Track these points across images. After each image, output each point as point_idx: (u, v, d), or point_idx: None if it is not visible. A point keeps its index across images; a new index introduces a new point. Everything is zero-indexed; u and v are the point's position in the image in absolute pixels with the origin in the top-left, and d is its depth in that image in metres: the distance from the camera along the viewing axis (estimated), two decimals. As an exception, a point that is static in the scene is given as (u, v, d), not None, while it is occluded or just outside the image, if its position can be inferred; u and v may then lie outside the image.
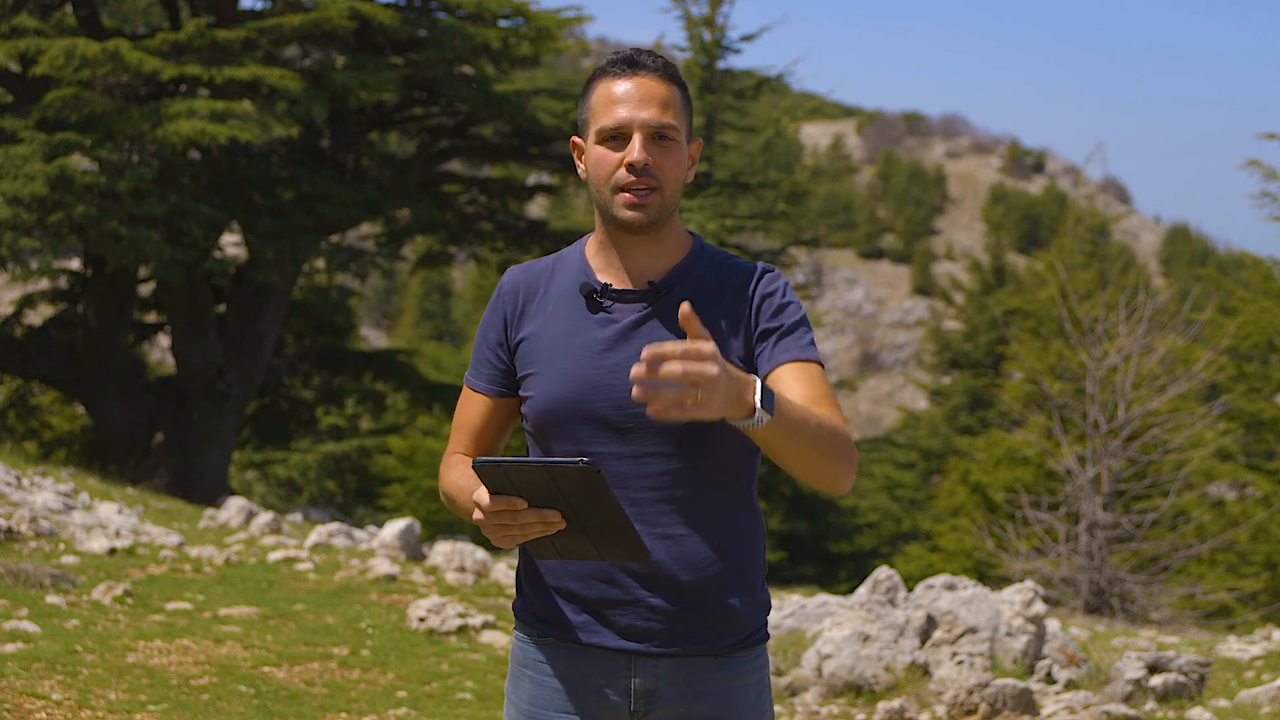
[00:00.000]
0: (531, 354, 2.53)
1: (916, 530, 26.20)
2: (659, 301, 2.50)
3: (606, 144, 2.48)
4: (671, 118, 2.48)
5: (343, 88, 17.40)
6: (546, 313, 2.54)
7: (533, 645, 2.56)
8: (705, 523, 2.47)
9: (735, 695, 2.52)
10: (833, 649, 6.68)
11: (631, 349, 2.47)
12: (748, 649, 2.54)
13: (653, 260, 2.53)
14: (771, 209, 23.15)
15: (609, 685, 2.49)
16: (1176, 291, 33.13)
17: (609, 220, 2.50)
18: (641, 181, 2.45)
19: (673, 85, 2.51)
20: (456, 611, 7.89)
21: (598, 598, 2.47)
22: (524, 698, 2.56)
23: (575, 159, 2.58)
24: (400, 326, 59.74)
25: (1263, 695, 6.80)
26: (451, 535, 16.95)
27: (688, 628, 2.47)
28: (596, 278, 2.54)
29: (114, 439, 18.67)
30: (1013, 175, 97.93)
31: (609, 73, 2.51)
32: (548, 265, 2.61)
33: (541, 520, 2.26)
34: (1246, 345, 19.22)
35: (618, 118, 2.47)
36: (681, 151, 2.50)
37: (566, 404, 2.47)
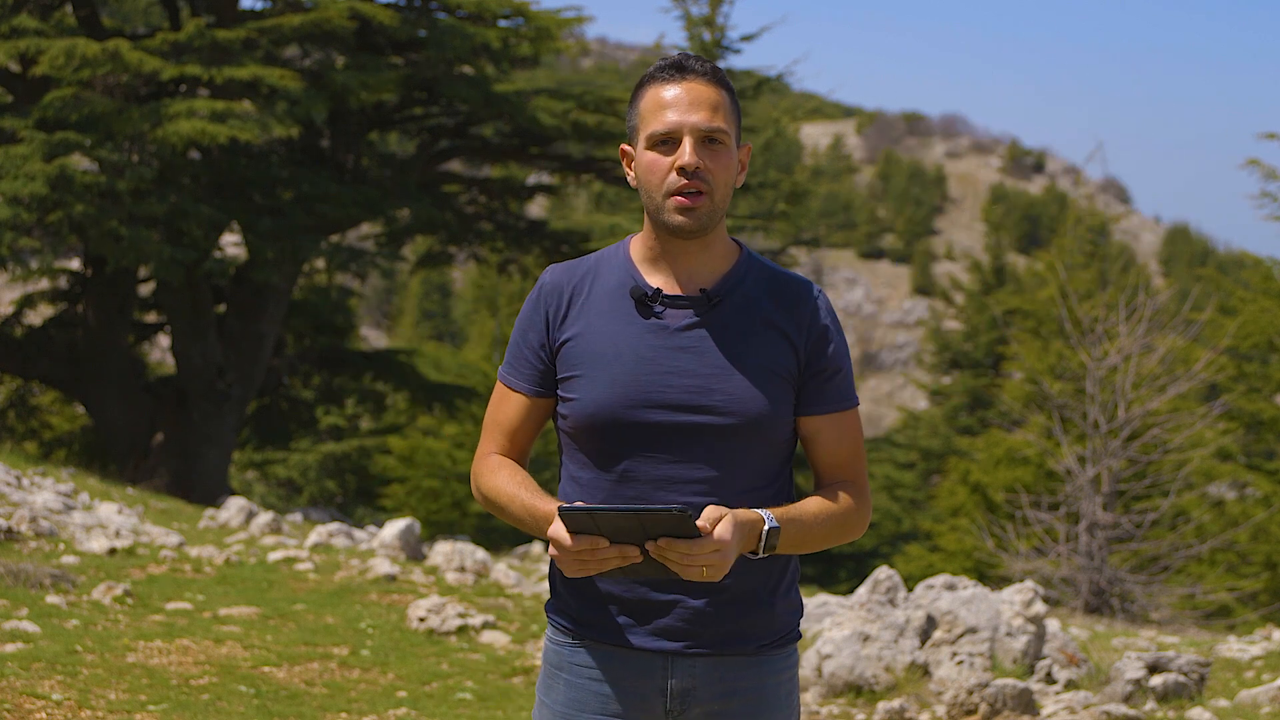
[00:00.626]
0: (577, 356, 2.52)
1: (916, 530, 26.20)
2: (709, 309, 2.50)
3: (657, 149, 2.48)
4: (721, 121, 2.48)
5: (343, 88, 17.39)
6: (592, 314, 2.53)
7: (568, 647, 2.56)
8: None
9: (768, 692, 2.55)
10: (833, 649, 6.68)
11: (683, 356, 2.48)
12: (781, 647, 2.57)
13: (702, 266, 2.53)
14: (771, 209, 23.15)
15: (645, 685, 2.51)
16: (1176, 291, 33.13)
17: (659, 226, 2.50)
18: (692, 184, 2.45)
19: (722, 89, 2.51)
20: (456, 611, 7.89)
21: (638, 600, 2.49)
22: (558, 700, 2.57)
23: (624, 166, 2.57)
24: (400, 326, 59.73)
25: (1263, 695, 6.80)
26: (451, 535, 16.96)
27: (726, 629, 2.50)
28: (646, 281, 2.53)
29: (114, 439, 18.66)
30: (1013, 175, 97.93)
31: (658, 78, 2.51)
32: (591, 265, 2.60)
33: (620, 555, 2.31)
34: (1246, 345, 19.22)
35: (668, 122, 2.47)
36: (732, 155, 2.50)
37: (616, 409, 2.47)
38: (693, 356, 2.48)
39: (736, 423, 2.46)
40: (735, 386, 2.46)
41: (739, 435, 2.46)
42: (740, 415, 2.46)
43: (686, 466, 2.46)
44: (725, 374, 2.46)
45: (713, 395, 2.45)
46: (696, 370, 2.47)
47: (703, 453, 2.47)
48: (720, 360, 2.48)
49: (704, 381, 2.46)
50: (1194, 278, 38.22)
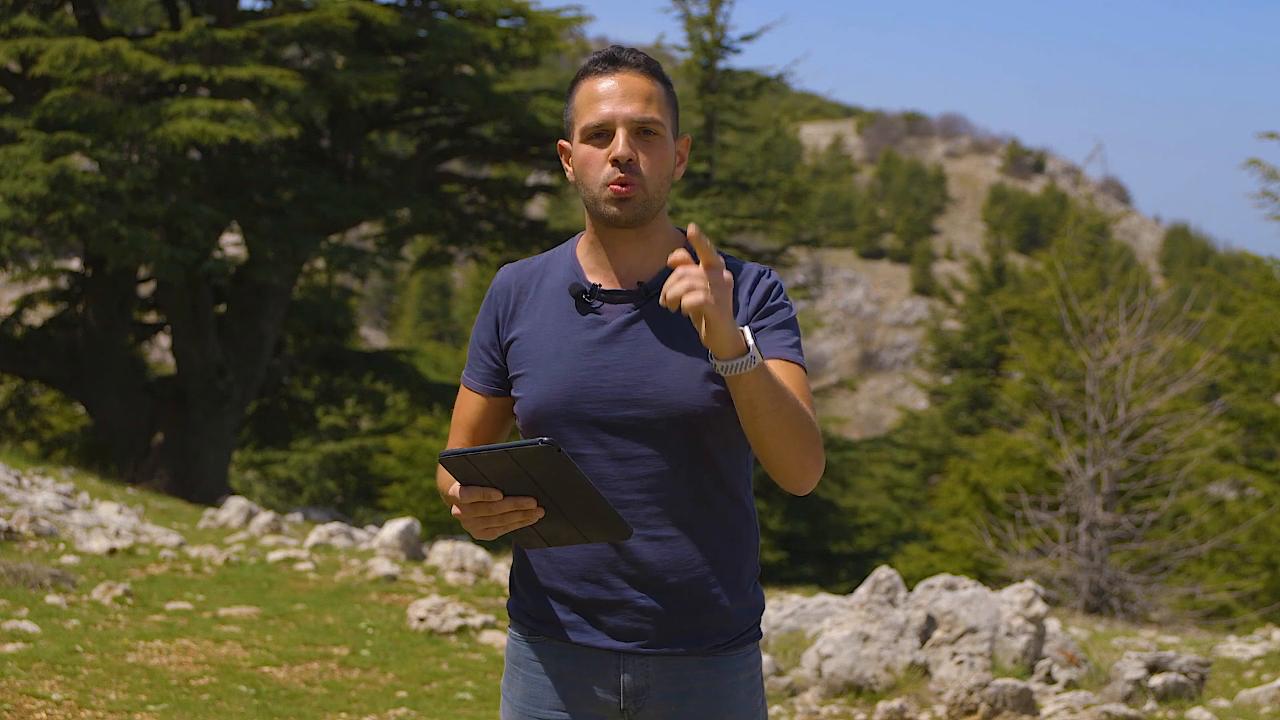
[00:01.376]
0: (522, 354, 2.54)
1: (916, 530, 26.19)
2: (647, 301, 2.50)
3: (591, 142, 2.48)
4: (655, 112, 2.47)
5: (343, 88, 17.40)
6: (537, 313, 2.55)
7: (525, 643, 2.58)
8: (694, 524, 2.48)
9: (725, 693, 2.53)
10: (833, 649, 6.68)
11: (620, 350, 2.47)
12: (738, 648, 2.55)
13: (642, 260, 2.52)
14: (771, 209, 23.14)
15: (599, 683, 2.51)
16: (1176, 291, 33.15)
17: (596, 218, 2.50)
18: (626, 176, 2.44)
19: (655, 80, 2.50)
20: (456, 611, 7.89)
21: (589, 598, 2.49)
22: (518, 695, 2.58)
23: (563, 162, 2.57)
24: (400, 326, 59.76)
25: (1263, 695, 6.80)
26: (451, 535, 16.96)
27: (677, 628, 2.49)
28: (586, 278, 2.54)
29: (114, 439, 18.67)
30: (1013, 175, 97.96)
31: (591, 71, 2.51)
32: (540, 264, 2.61)
33: (518, 508, 2.28)
34: (1246, 345, 19.22)
35: (601, 114, 2.46)
36: (666, 147, 2.49)
37: (555, 405, 2.47)
38: (626, 350, 2.47)
39: (670, 415, 2.43)
40: (667, 379, 2.44)
41: (676, 429, 2.44)
42: (673, 408, 2.43)
43: (629, 463, 2.45)
44: (658, 367, 2.45)
45: (644, 389, 2.44)
46: (631, 364, 2.46)
47: (646, 448, 2.45)
48: (654, 353, 2.46)
49: (637, 375, 2.45)
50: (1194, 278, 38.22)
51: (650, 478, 2.46)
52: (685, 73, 22.72)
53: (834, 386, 34.33)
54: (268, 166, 18.82)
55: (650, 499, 2.46)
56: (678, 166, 2.54)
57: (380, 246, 20.86)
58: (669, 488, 2.46)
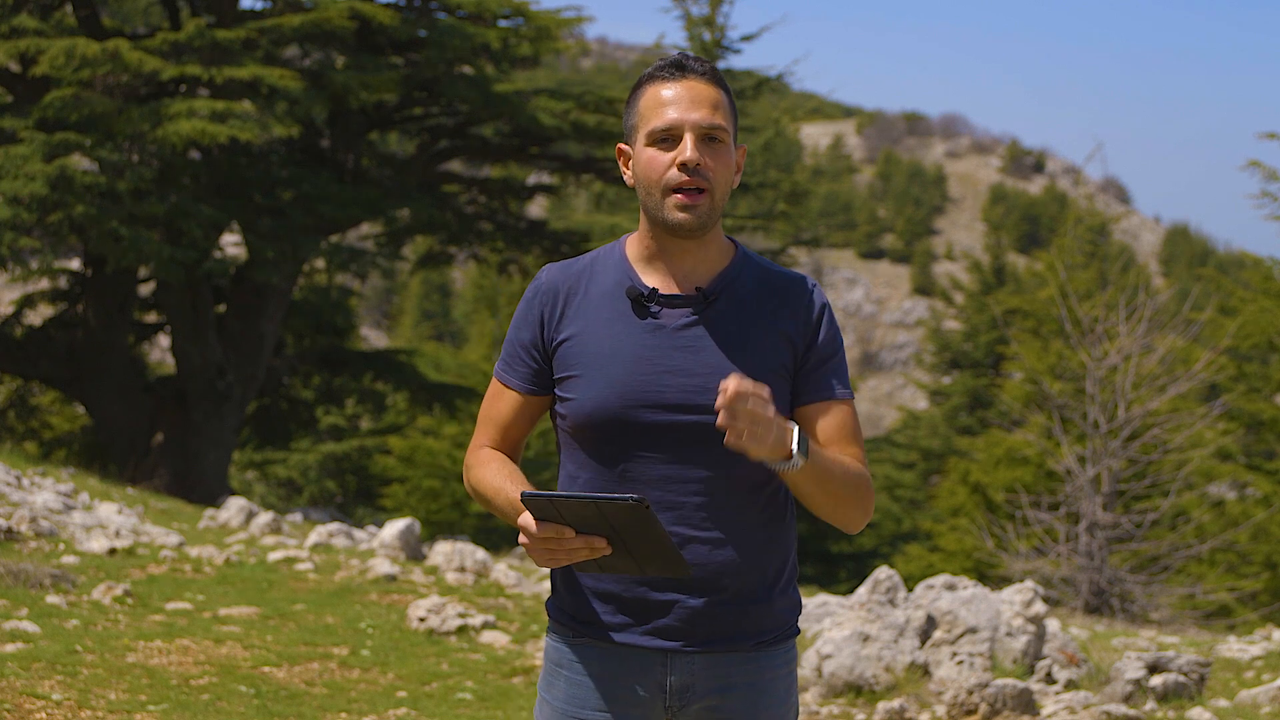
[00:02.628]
0: (574, 356, 2.53)
1: (916, 530, 26.19)
2: (706, 308, 2.51)
3: (657, 146, 2.49)
4: (721, 119, 2.50)
5: (343, 88, 17.39)
6: (589, 315, 2.54)
7: (568, 645, 2.59)
8: (742, 527, 2.51)
9: (765, 688, 2.57)
10: (833, 649, 6.68)
11: (680, 356, 2.49)
12: (779, 643, 2.59)
13: (698, 265, 2.54)
14: (771, 209, 23.15)
15: (644, 682, 2.53)
16: (1176, 291, 33.14)
17: (658, 224, 2.51)
18: (693, 181, 2.46)
19: (721, 89, 2.53)
20: (456, 611, 7.89)
21: (636, 599, 2.51)
22: (559, 697, 2.59)
23: (621, 166, 2.58)
24: (400, 326, 59.76)
25: (1263, 695, 6.80)
26: (451, 535, 16.96)
27: (724, 627, 2.52)
28: (642, 281, 2.54)
29: (114, 439, 18.66)
30: (1013, 175, 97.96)
31: (657, 77, 2.53)
32: (586, 265, 2.61)
33: (588, 546, 2.32)
34: (1246, 345, 19.22)
35: (669, 119, 2.48)
36: (730, 154, 2.52)
37: (613, 409, 2.48)
38: (689, 355, 2.49)
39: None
40: None
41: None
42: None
43: (684, 466, 2.47)
44: (721, 373, 2.47)
45: (709, 394, 2.45)
46: (693, 369, 2.48)
47: (700, 452, 2.47)
48: (716, 359, 2.48)
49: (700, 380, 2.47)
50: (1194, 278, 38.23)
51: (704, 481, 2.48)
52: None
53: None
54: (268, 166, 18.81)
55: (704, 502, 2.48)
56: (735, 175, 2.56)
57: (380, 246, 20.85)
58: (722, 491, 2.49)
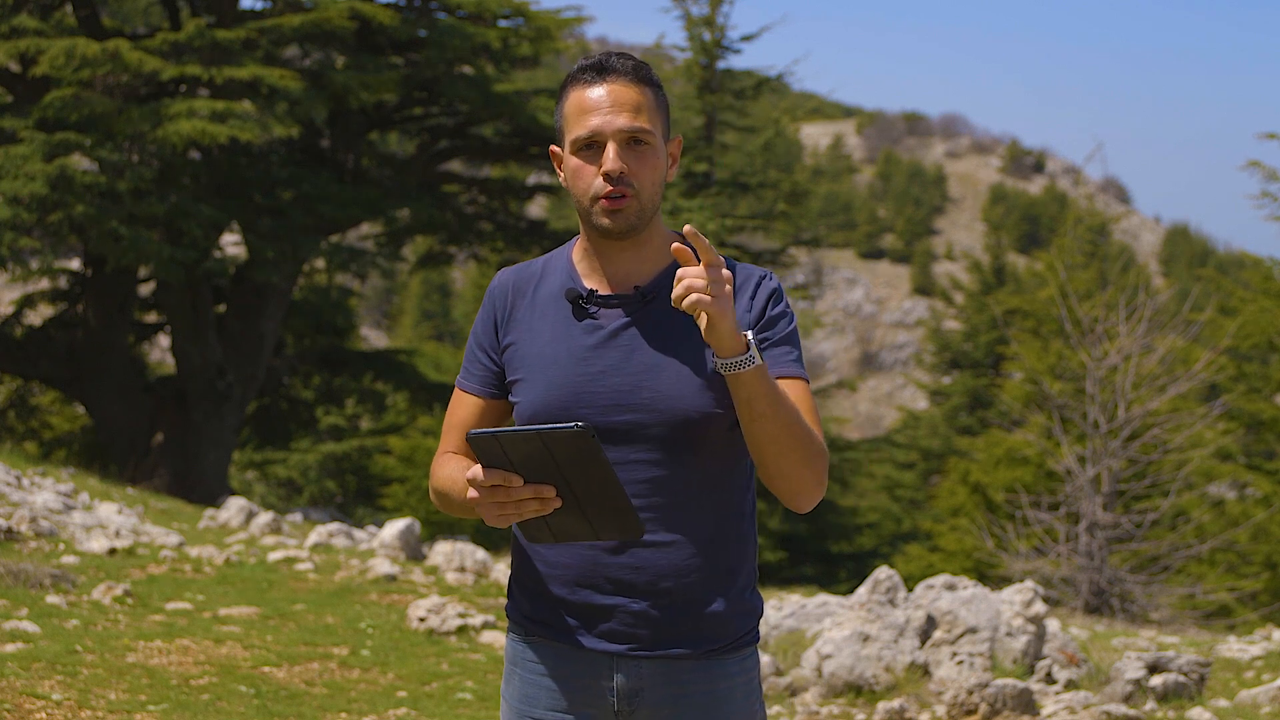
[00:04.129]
0: (519, 359, 2.54)
1: (916, 530, 26.19)
2: (644, 307, 2.50)
3: (581, 154, 2.47)
4: (644, 121, 2.47)
5: (343, 88, 17.40)
6: (533, 317, 2.55)
7: (520, 644, 2.59)
8: (690, 529, 2.48)
9: (721, 696, 2.54)
10: (833, 649, 6.68)
11: (615, 355, 2.47)
12: (733, 651, 2.54)
13: (638, 265, 2.52)
14: (771, 209, 23.13)
15: (593, 684, 2.52)
16: (1176, 291, 33.14)
17: (590, 228, 2.50)
18: (618, 189, 2.44)
19: (644, 86, 2.49)
20: (456, 611, 7.89)
21: (583, 603, 2.50)
22: (514, 695, 2.60)
23: (555, 166, 2.57)
24: (400, 326, 59.78)
25: (1263, 695, 6.80)
26: (451, 535, 16.95)
27: (671, 632, 2.49)
28: (583, 283, 2.53)
29: (114, 439, 18.67)
30: (1013, 175, 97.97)
31: (579, 79, 2.50)
32: (538, 268, 2.61)
33: (537, 495, 2.27)
34: (1246, 345, 19.22)
35: (590, 126, 2.46)
36: (658, 154, 2.49)
37: (553, 410, 2.47)
38: (622, 355, 2.47)
39: (665, 420, 2.44)
40: (662, 384, 2.45)
41: (673, 434, 2.44)
42: (668, 413, 2.44)
43: (624, 468, 2.44)
44: (654, 372, 2.45)
45: (640, 394, 2.44)
46: (625, 369, 2.46)
47: (641, 454, 2.45)
48: (650, 358, 2.46)
49: (632, 380, 2.45)
50: (1194, 278, 38.22)
51: (645, 483, 2.45)
52: (685, 73, 22.71)
53: (834, 387, 34.33)
54: (268, 166, 18.82)
55: (646, 504, 2.45)
56: (671, 168, 2.53)
57: (380, 246, 20.85)
58: (665, 493, 2.46)
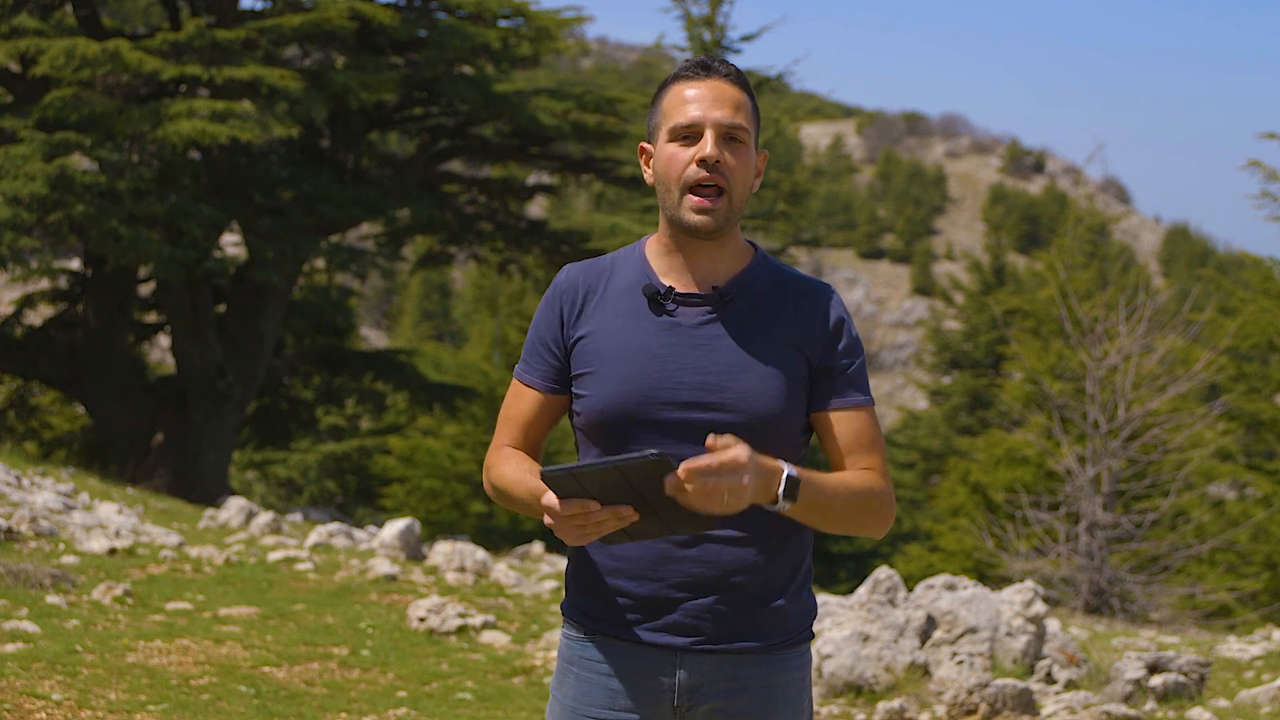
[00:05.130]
0: (590, 353, 2.55)
1: (916, 530, 26.19)
2: (723, 307, 2.52)
3: (678, 142, 2.50)
4: (743, 119, 2.51)
5: (343, 88, 17.39)
6: (606, 312, 2.56)
7: (579, 642, 2.59)
8: (756, 526, 2.51)
9: (776, 691, 2.56)
10: (833, 649, 6.68)
11: (696, 353, 2.50)
12: (792, 647, 2.58)
13: (716, 266, 2.55)
14: (771, 209, 23.14)
15: (654, 680, 2.53)
16: (1176, 291, 33.14)
17: (675, 223, 2.52)
18: (712, 179, 2.47)
19: (744, 92, 2.55)
20: (456, 611, 7.89)
21: (649, 595, 2.51)
22: (569, 694, 2.60)
23: (642, 164, 2.60)
24: (400, 326, 59.77)
25: (1263, 695, 6.80)
26: (451, 535, 16.96)
27: (735, 626, 2.52)
28: (659, 280, 2.55)
29: (114, 439, 18.66)
30: (1013, 175, 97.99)
31: (683, 76, 2.55)
32: (606, 264, 2.62)
33: (615, 516, 2.31)
34: (1246, 345, 19.23)
35: (691, 115, 2.50)
36: (750, 155, 2.53)
37: (627, 406, 2.49)
38: (704, 353, 2.50)
39: (746, 420, 2.47)
40: (745, 384, 2.48)
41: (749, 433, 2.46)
42: (750, 413, 2.48)
43: None
44: (736, 371, 2.49)
45: (723, 393, 2.47)
46: (707, 367, 2.49)
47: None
48: (732, 358, 2.50)
49: (715, 379, 2.49)
50: (1194, 278, 38.22)
51: None
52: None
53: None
54: (268, 166, 18.81)
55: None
56: (755, 179, 2.57)
57: (380, 246, 20.84)
58: None
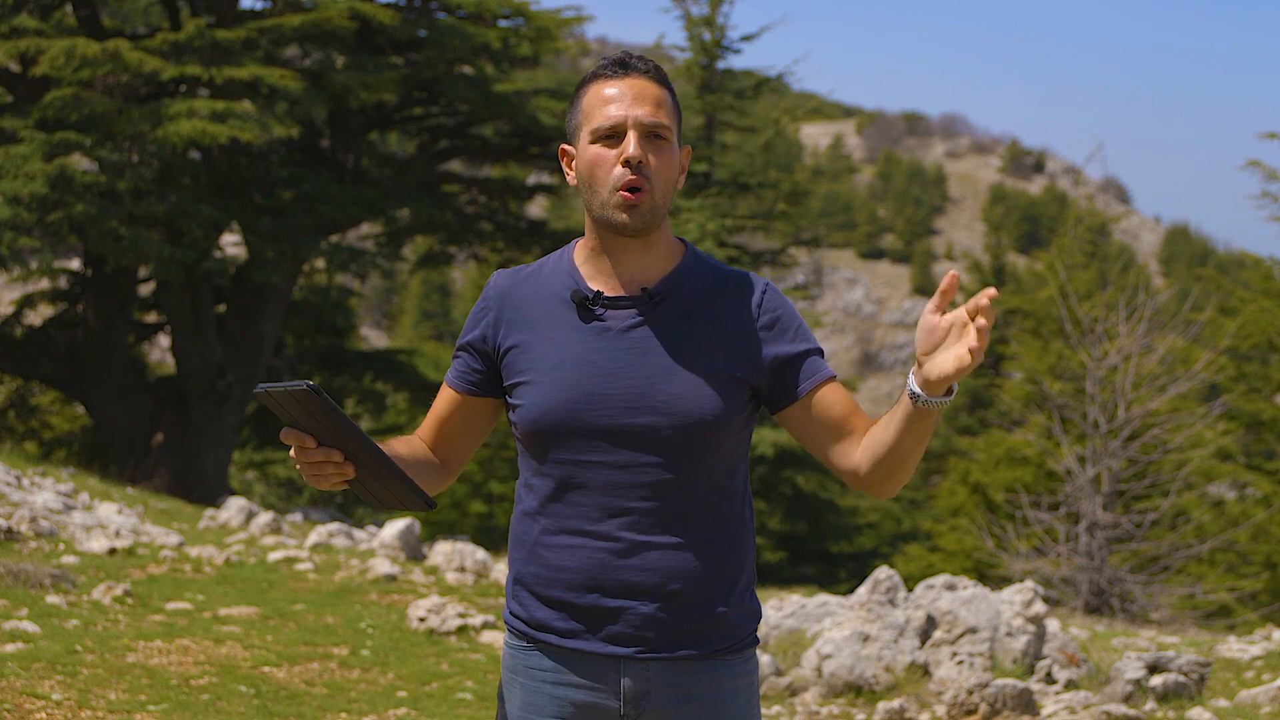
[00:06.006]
0: (522, 362, 2.51)
1: (916, 530, 26.20)
2: (652, 308, 2.48)
3: (601, 143, 2.46)
4: (664, 117, 2.47)
5: (343, 88, 17.40)
6: (536, 320, 2.52)
7: (523, 651, 2.56)
8: (695, 532, 2.48)
9: (724, 698, 2.53)
10: (833, 649, 6.68)
11: (627, 358, 2.46)
12: (736, 653, 2.54)
13: (645, 267, 2.51)
14: (771, 209, 23.13)
15: (599, 688, 2.50)
16: (1176, 291, 33.12)
17: (601, 224, 2.48)
18: (635, 179, 2.43)
19: (664, 88, 2.50)
20: (456, 611, 7.89)
21: (589, 606, 2.48)
22: (516, 703, 2.57)
23: (564, 167, 2.56)
24: (400, 326, 59.79)
25: (1263, 695, 6.80)
26: (451, 535, 16.96)
27: (677, 634, 2.48)
28: (588, 285, 2.51)
29: (114, 439, 18.67)
30: (1013, 175, 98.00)
31: (601, 75, 2.50)
32: (534, 270, 2.59)
33: (329, 460, 2.30)
34: (1246, 345, 19.24)
35: (612, 116, 2.45)
36: (674, 153, 2.49)
37: (561, 413, 2.46)
38: (635, 357, 2.46)
39: (681, 423, 2.43)
40: (678, 387, 2.44)
41: (684, 437, 2.43)
42: (683, 416, 2.43)
43: (633, 471, 2.44)
44: (668, 374, 2.45)
45: (655, 396, 2.43)
46: (639, 371, 2.45)
47: (649, 455, 2.44)
48: (663, 360, 2.46)
49: (647, 383, 2.45)
50: (1194, 278, 38.20)
51: (654, 485, 2.45)
52: (685, 73, 22.71)
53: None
54: (268, 166, 18.82)
55: (654, 506, 2.45)
56: (680, 176, 2.53)
57: (380, 246, 20.85)
58: (673, 495, 2.46)
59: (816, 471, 23.58)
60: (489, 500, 26.57)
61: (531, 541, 2.52)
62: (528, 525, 2.53)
